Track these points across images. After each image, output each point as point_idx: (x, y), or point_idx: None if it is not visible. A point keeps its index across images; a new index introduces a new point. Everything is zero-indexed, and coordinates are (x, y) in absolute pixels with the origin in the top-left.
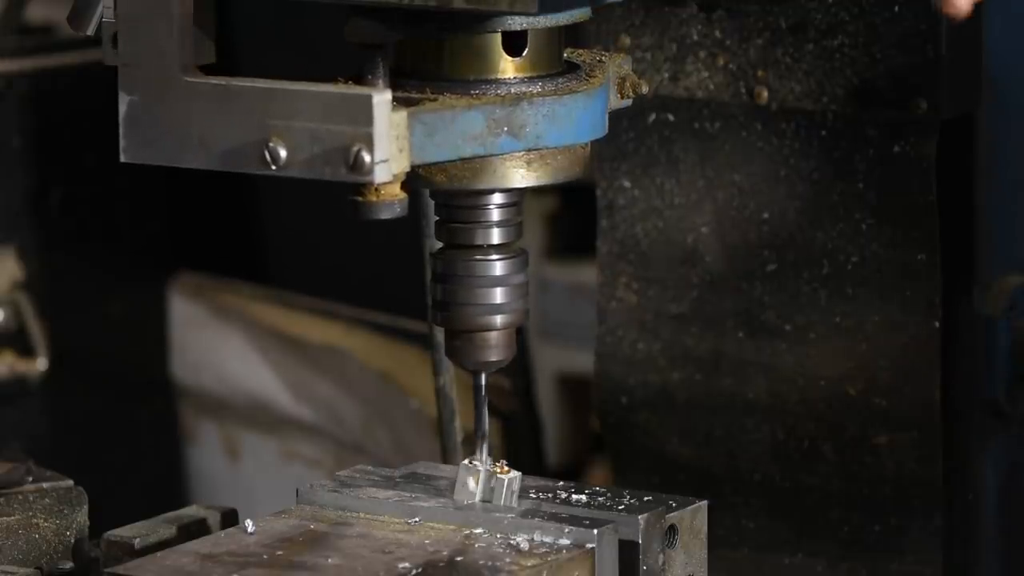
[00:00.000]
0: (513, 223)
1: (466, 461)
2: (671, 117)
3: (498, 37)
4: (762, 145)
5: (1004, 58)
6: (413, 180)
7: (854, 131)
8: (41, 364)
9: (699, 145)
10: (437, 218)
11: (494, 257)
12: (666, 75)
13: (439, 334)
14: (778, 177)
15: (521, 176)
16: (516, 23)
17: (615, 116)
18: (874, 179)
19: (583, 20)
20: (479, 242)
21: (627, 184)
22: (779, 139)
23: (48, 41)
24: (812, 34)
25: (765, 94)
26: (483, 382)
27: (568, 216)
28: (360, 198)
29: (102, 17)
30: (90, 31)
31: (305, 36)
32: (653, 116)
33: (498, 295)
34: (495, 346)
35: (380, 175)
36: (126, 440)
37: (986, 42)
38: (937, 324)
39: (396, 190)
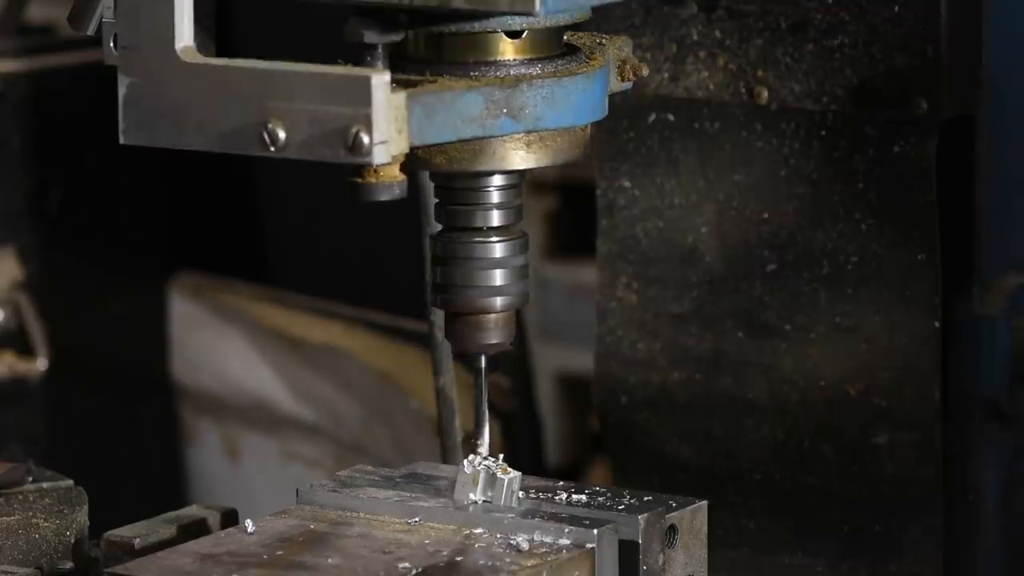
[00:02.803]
0: (513, 205)
1: (466, 461)
2: (671, 117)
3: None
4: (762, 145)
5: (1004, 58)
6: (412, 162)
7: (854, 131)
8: (41, 364)
9: (699, 145)
10: (436, 200)
11: (494, 239)
12: (666, 75)
13: (439, 334)
14: (778, 177)
15: (521, 158)
16: (516, 23)
17: (615, 116)
18: (874, 179)
19: (583, 20)
20: (479, 224)
21: (627, 184)
22: (779, 139)
23: (48, 41)
24: (812, 34)
25: (765, 94)
26: (483, 365)
27: (568, 216)
28: (359, 180)
29: (102, 17)
30: (90, 31)
31: (305, 33)
32: (653, 116)
33: (498, 277)
34: (495, 328)
35: (379, 156)
36: (126, 440)
37: (986, 42)
38: (937, 324)
39: (395, 172)
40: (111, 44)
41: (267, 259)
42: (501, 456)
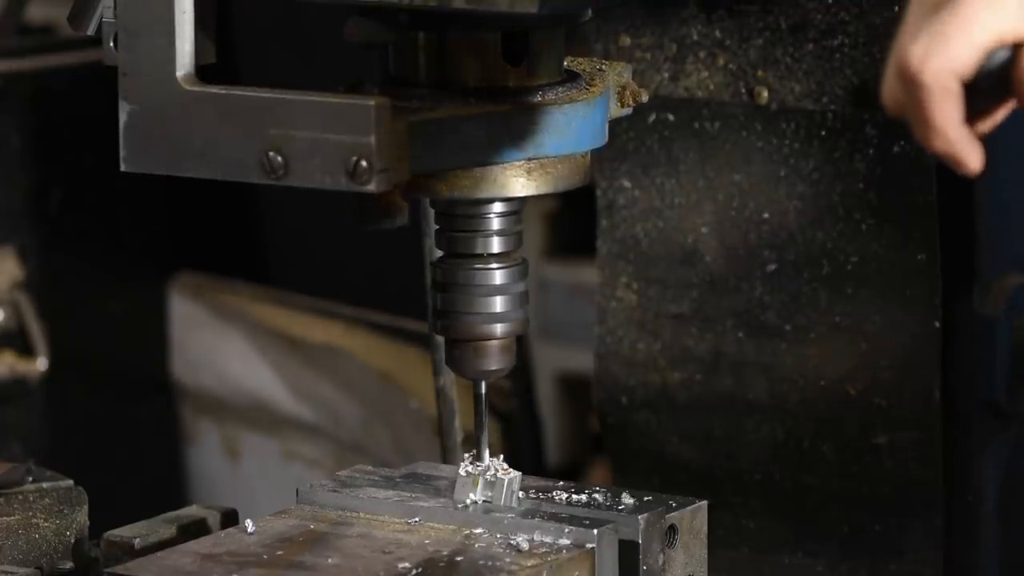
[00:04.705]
0: (513, 232)
1: (466, 461)
2: (671, 117)
3: (498, 47)
4: (762, 145)
5: None
6: (413, 189)
7: (854, 131)
8: (41, 364)
9: (699, 145)
10: (437, 227)
11: (494, 266)
12: (666, 75)
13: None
14: (778, 177)
15: (521, 185)
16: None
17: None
18: (874, 179)
19: (583, 20)
20: (479, 251)
21: (627, 184)
22: (779, 139)
23: (48, 41)
24: (812, 34)
25: (765, 94)
26: (483, 390)
27: (568, 216)
28: (360, 207)
29: (102, 17)
30: (90, 31)
31: (305, 35)
32: (653, 116)
33: (498, 304)
34: (495, 355)
35: (380, 184)
36: (126, 440)
37: None
38: (937, 324)
39: (396, 199)
40: (111, 44)
41: (267, 259)
42: (501, 456)
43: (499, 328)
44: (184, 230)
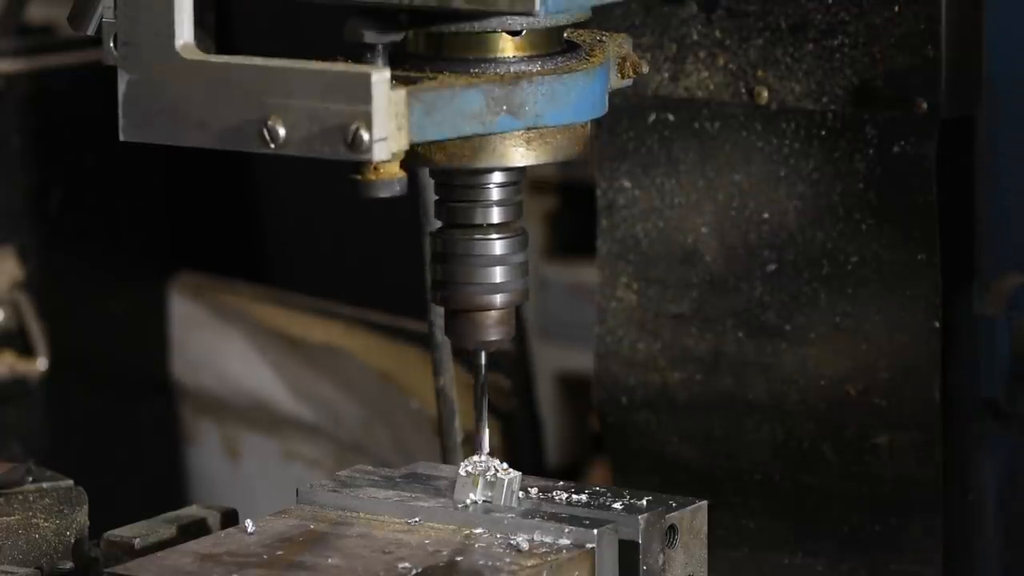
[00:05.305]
0: (512, 202)
1: (466, 461)
2: (671, 117)
3: None
4: (762, 145)
5: (1004, 58)
6: (412, 159)
7: (854, 131)
8: (41, 364)
9: (699, 145)
10: (436, 197)
11: (493, 236)
12: (666, 75)
13: (439, 334)
14: (778, 177)
15: (521, 155)
16: (515, 23)
17: (615, 116)
18: (874, 179)
19: (583, 20)
20: (479, 221)
21: (627, 184)
22: (779, 139)
23: (48, 41)
24: (812, 34)
25: (765, 94)
26: (483, 361)
27: (568, 216)
28: (359, 177)
29: (102, 17)
30: (90, 31)
31: (305, 35)
32: (653, 116)
33: (498, 274)
34: (495, 325)
35: (379, 153)
36: (126, 440)
37: (986, 42)
38: (937, 324)
39: (395, 168)
40: (111, 44)
41: (267, 259)
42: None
43: (498, 298)
44: (184, 230)
